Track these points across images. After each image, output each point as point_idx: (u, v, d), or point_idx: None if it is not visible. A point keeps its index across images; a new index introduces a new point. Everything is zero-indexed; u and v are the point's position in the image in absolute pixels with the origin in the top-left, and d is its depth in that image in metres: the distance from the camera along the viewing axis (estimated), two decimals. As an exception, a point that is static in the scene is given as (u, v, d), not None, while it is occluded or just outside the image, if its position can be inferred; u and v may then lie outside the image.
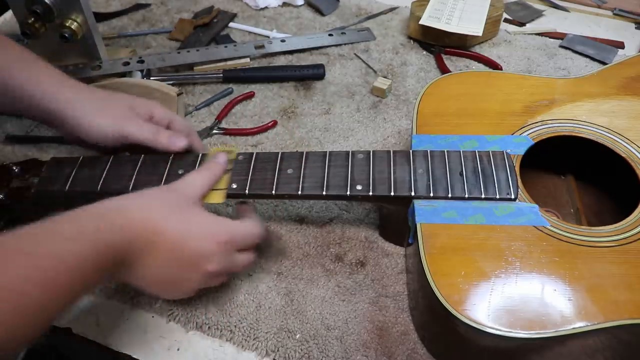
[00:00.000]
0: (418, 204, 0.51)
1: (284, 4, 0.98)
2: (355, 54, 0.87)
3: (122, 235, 0.43)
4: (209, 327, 0.53)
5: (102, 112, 0.56)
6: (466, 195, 0.51)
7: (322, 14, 0.95)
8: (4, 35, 0.59)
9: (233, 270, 0.50)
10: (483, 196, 0.51)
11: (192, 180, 0.51)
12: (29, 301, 0.36)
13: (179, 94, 0.72)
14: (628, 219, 0.50)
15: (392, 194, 0.51)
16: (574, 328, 0.42)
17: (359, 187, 0.52)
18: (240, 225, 0.50)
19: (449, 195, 0.51)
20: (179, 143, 0.56)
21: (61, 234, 0.41)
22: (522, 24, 0.94)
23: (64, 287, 0.39)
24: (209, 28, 0.91)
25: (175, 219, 0.46)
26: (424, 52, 0.87)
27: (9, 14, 0.95)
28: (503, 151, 0.54)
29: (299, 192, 0.52)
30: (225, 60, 0.84)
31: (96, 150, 0.58)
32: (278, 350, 0.51)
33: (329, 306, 0.55)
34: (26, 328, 0.37)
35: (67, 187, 0.55)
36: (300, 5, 0.97)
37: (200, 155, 0.56)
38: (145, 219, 0.45)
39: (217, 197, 0.53)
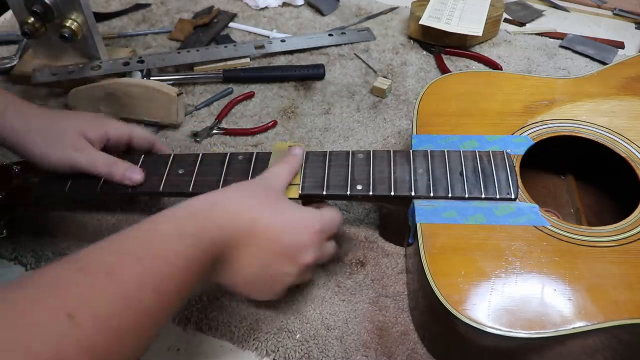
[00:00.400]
0: (418, 203, 0.51)
1: (284, 4, 0.98)
2: (355, 54, 0.87)
3: (222, 231, 0.42)
4: (209, 327, 0.53)
5: (50, 145, 0.52)
6: (466, 195, 0.51)
7: (322, 14, 0.95)
8: None
9: (322, 260, 0.49)
10: (483, 196, 0.51)
11: (277, 172, 0.50)
12: (146, 309, 0.35)
13: (179, 94, 0.72)
14: (628, 219, 0.50)
15: (392, 193, 0.51)
16: (574, 328, 0.42)
17: (359, 187, 0.52)
18: (326, 213, 0.49)
19: (449, 195, 0.51)
20: (134, 177, 0.54)
21: (165, 235, 0.40)
22: (522, 24, 0.94)
23: (174, 290, 0.38)
24: (209, 28, 0.91)
25: (268, 211, 0.45)
26: (424, 52, 0.87)
27: (9, 14, 0.95)
28: (503, 151, 0.54)
29: (299, 192, 0.52)
30: (225, 60, 0.83)
31: None
32: (278, 350, 0.51)
33: (329, 306, 0.55)
34: (145, 338, 0.36)
35: (67, 188, 0.55)
36: (300, 5, 0.97)
37: (200, 155, 0.56)
38: (241, 211, 0.44)
39: (294, 192, 0.52)
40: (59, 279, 0.34)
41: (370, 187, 0.52)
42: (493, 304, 0.44)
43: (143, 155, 0.57)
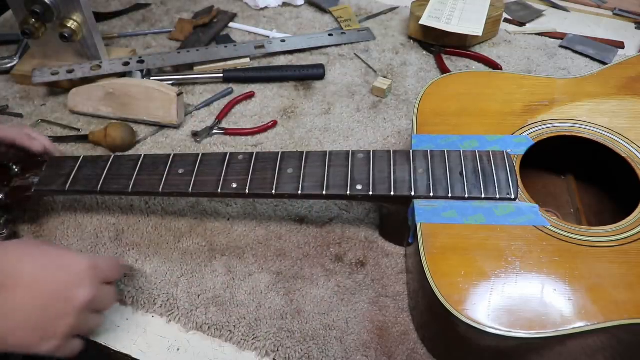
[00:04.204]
0: (418, 203, 0.51)
1: (284, 4, 0.98)
2: (355, 54, 0.87)
3: None
4: (209, 327, 0.53)
5: None
6: (466, 195, 0.51)
7: (323, 10, 0.95)
8: None
9: (102, 304, 0.48)
10: (483, 196, 0.51)
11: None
12: None
13: (179, 94, 0.72)
14: (628, 219, 0.50)
15: (392, 193, 0.51)
16: (574, 328, 0.42)
17: (359, 187, 0.52)
18: (100, 256, 0.50)
19: (449, 195, 0.51)
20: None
21: None
22: (522, 24, 0.94)
23: None
24: (209, 28, 0.91)
25: (31, 255, 0.45)
26: (424, 52, 0.87)
27: (9, 14, 0.95)
28: (503, 151, 0.54)
29: (299, 192, 0.52)
30: (225, 60, 0.84)
31: None
32: (278, 350, 0.51)
33: (329, 306, 0.55)
34: None
35: (67, 187, 0.55)
36: (300, 5, 0.97)
37: (200, 155, 0.56)
38: None
39: None
40: None
41: (370, 187, 0.52)
42: (493, 304, 0.44)
43: (143, 155, 0.57)
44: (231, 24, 0.93)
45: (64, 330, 0.44)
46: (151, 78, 0.78)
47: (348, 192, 0.52)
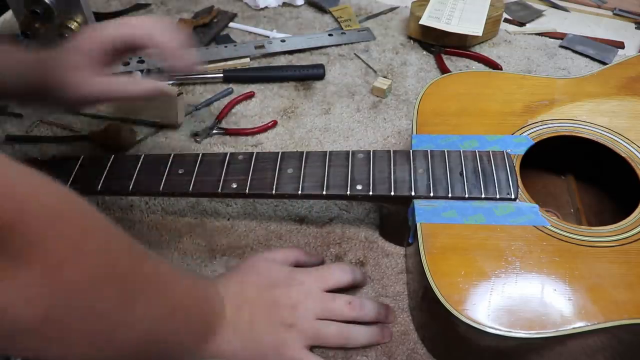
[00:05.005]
0: (418, 203, 0.51)
1: (284, 4, 0.98)
2: (355, 54, 0.87)
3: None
4: (209, 327, 0.53)
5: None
6: (466, 195, 0.51)
7: (323, 10, 0.95)
8: None
9: (337, 313, 0.49)
10: (483, 196, 0.51)
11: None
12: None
13: (179, 94, 0.72)
14: (628, 219, 0.50)
15: (392, 193, 0.51)
16: (574, 328, 0.42)
17: (359, 187, 0.52)
18: (327, 266, 0.55)
19: (449, 195, 0.51)
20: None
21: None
22: (522, 24, 0.94)
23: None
24: (209, 28, 0.91)
25: (246, 277, 0.50)
26: (424, 52, 0.87)
27: (9, 14, 0.95)
28: (503, 151, 0.54)
29: (299, 192, 0.52)
30: (225, 60, 0.83)
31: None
32: (278, 350, 0.51)
33: (329, 306, 0.54)
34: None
35: (67, 187, 0.55)
36: (300, 5, 0.97)
37: (200, 155, 0.56)
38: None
39: None
40: None
41: (370, 187, 0.52)
42: (493, 304, 0.44)
43: (143, 155, 0.57)
44: (231, 24, 0.93)
45: (295, 337, 0.47)
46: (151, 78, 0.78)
47: (348, 192, 0.52)
